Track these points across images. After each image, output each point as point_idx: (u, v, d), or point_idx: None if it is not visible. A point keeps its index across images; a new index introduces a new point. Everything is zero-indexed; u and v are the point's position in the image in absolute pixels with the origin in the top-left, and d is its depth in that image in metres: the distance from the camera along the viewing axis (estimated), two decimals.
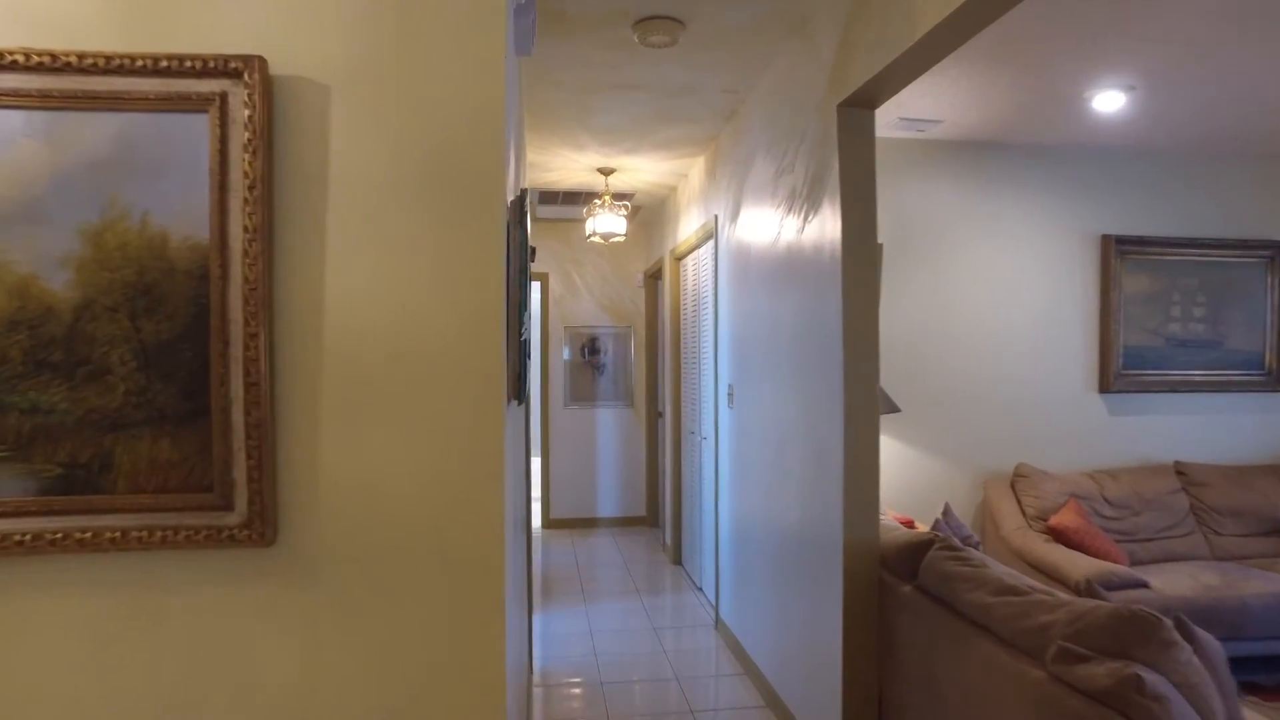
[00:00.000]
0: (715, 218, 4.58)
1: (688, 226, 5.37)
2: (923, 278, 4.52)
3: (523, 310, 1.50)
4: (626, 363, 7.23)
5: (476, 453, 1.41)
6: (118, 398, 1.33)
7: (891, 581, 2.61)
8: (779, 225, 3.41)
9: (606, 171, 5.22)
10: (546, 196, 5.94)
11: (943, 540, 2.51)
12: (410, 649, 1.42)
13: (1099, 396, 4.71)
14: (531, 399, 5.97)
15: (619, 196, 5.66)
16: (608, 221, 5.16)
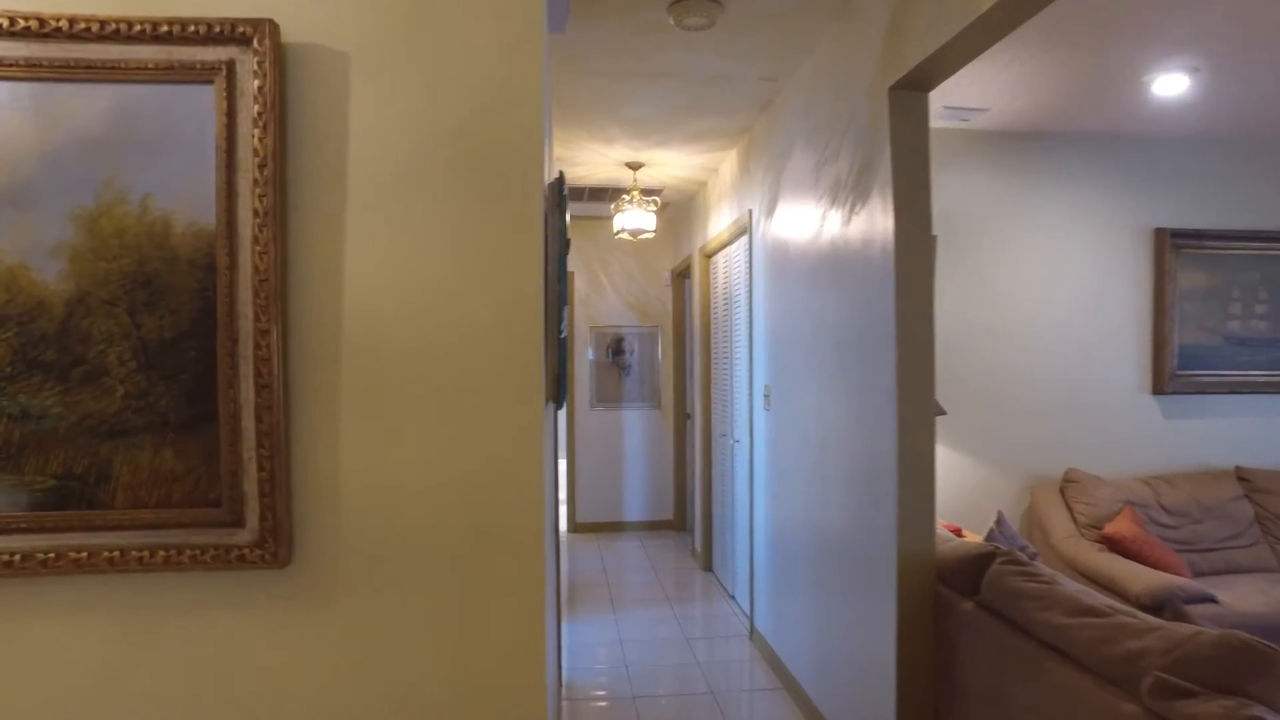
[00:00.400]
0: (749, 212, 4.42)
1: (719, 222, 5.20)
2: (966, 274, 4.33)
3: (560, 305, 1.34)
4: (653, 363, 7.07)
5: (513, 462, 1.27)
6: (116, 402, 1.20)
7: (949, 596, 2.43)
8: (821, 218, 3.24)
9: (635, 166, 5.06)
10: (572, 193, 5.80)
11: (1006, 553, 2.33)
12: (439, 679, 1.27)
13: (1152, 398, 4.48)
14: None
15: (647, 192, 5.51)
16: (637, 217, 5.01)
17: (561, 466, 7.29)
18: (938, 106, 3.90)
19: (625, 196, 5.11)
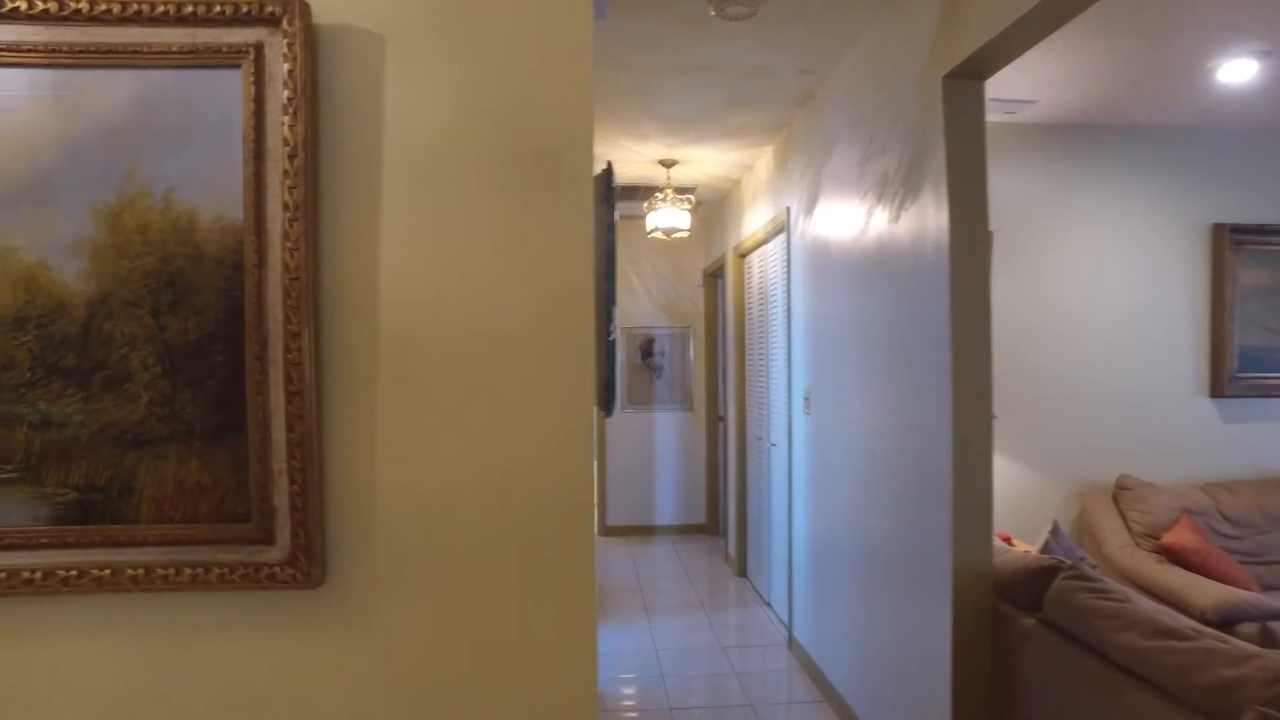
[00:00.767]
0: (787, 210, 4.30)
1: (754, 221, 5.08)
2: (1013, 273, 4.16)
3: (610, 305, 1.25)
4: (685, 365, 6.96)
5: (561, 469, 1.17)
6: (139, 409, 1.12)
7: (1008, 611, 2.30)
8: (867, 215, 3.11)
9: (668, 164, 4.96)
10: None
11: (1071, 567, 2.19)
12: (484, 697, 1.18)
13: (1210, 401, 4.28)
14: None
15: (680, 190, 5.40)
16: (671, 216, 4.91)
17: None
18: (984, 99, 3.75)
19: (659, 195, 5.01)
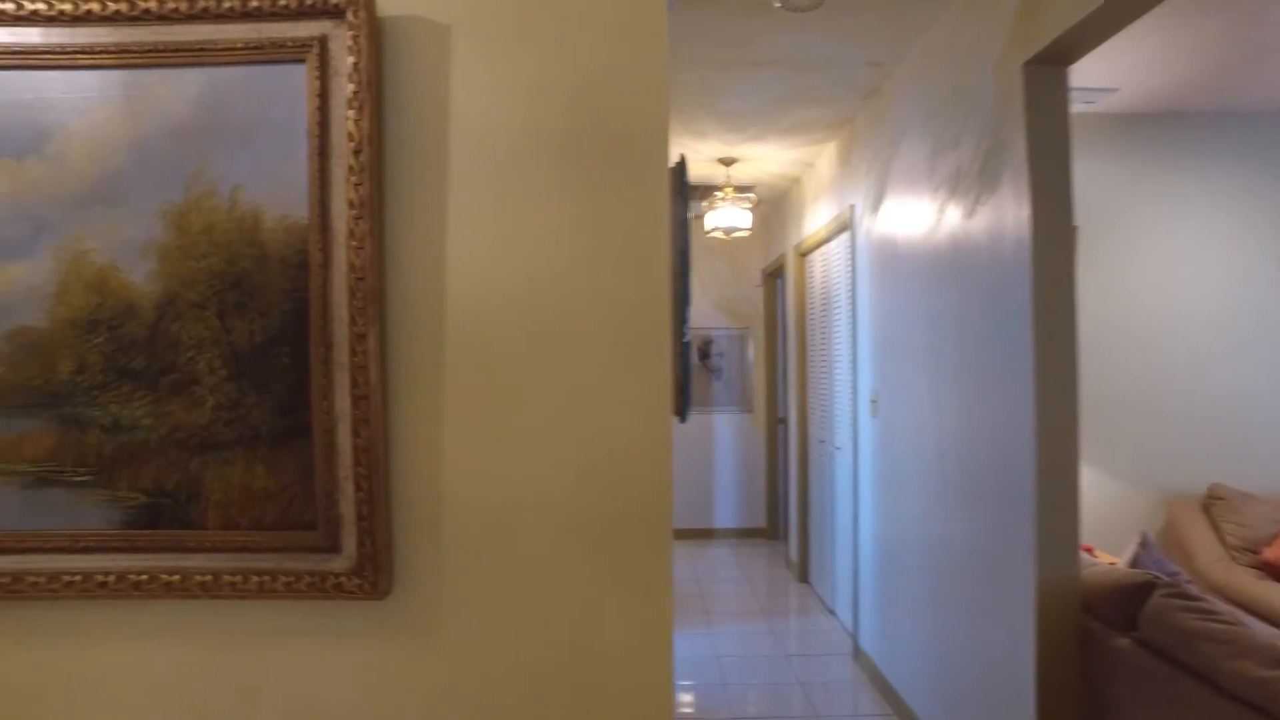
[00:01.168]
0: (851, 208, 4.18)
1: (815, 219, 4.97)
2: (1094, 270, 3.96)
3: (684, 305, 1.19)
4: (744, 366, 6.86)
5: (637, 471, 1.12)
6: (206, 413, 1.10)
7: (1099, 630, 2.16)
8: (938, 211, 2.99)
9: (728, 162, 4.88)
10: None
11: (1169, 584, 2.04)
12: (554, 711, 1.14)
13: None
14: None
15: (740, 189, 5.31)
16: (731, 215, 4.82)
17: None
18: None
19: (719, 194, 4.93)
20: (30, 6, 1.08)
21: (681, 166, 1.20)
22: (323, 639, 1.13)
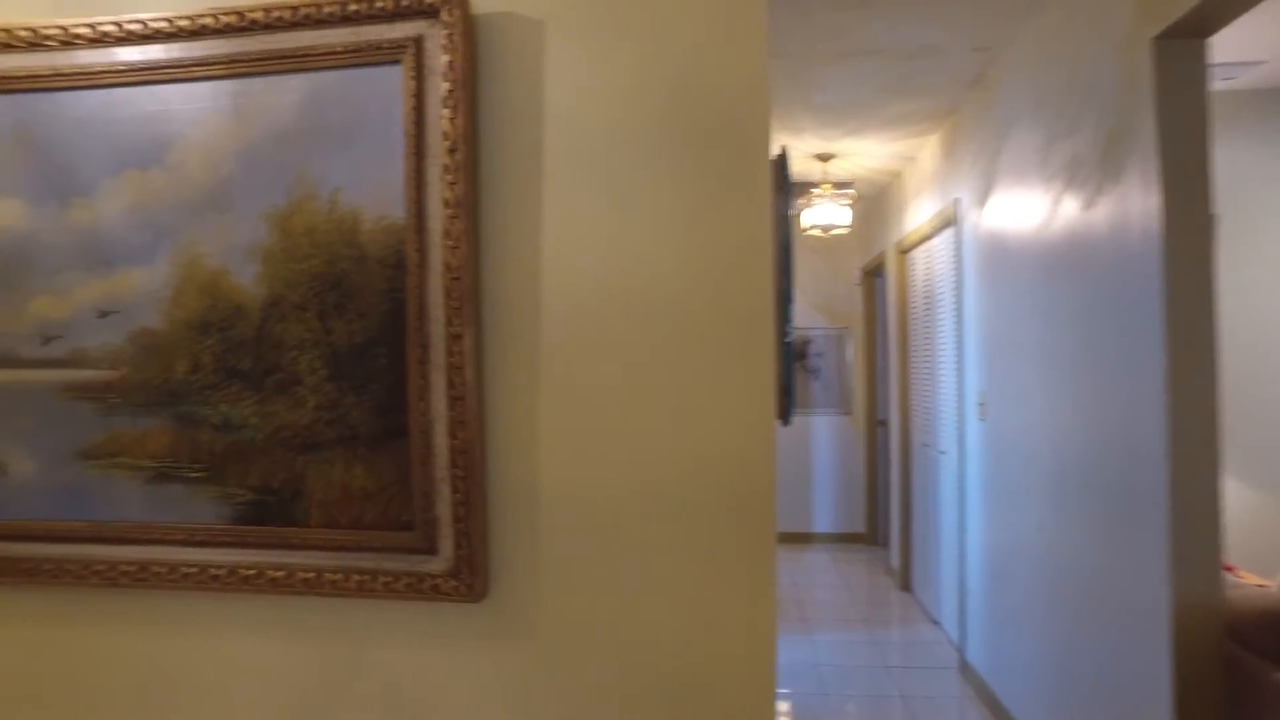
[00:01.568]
0: (956, 202, 3.99)
1: (917, 215, 4.78)
2: (1236, 263, 3.64)
3: (786, 302, 1.14)
4: (842, 367, 6.68)
5: (741, 481, 1.07)
6: (308, 413, 1.13)
7: (1248, 661, 1.97)
8: (1053, 203, 2.81)
9: (825, 158, 4.76)
10: None
11: None
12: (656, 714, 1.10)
13: None
14: None
15: (839, 185, 5.17)
16: (829, 212, 4.70)
17: None
18: None
19: (815, 190, 4.81)
20: (154, 25, 1.13)
21: (783, 159, 1.15)
22: (420, 639, 1.14)
